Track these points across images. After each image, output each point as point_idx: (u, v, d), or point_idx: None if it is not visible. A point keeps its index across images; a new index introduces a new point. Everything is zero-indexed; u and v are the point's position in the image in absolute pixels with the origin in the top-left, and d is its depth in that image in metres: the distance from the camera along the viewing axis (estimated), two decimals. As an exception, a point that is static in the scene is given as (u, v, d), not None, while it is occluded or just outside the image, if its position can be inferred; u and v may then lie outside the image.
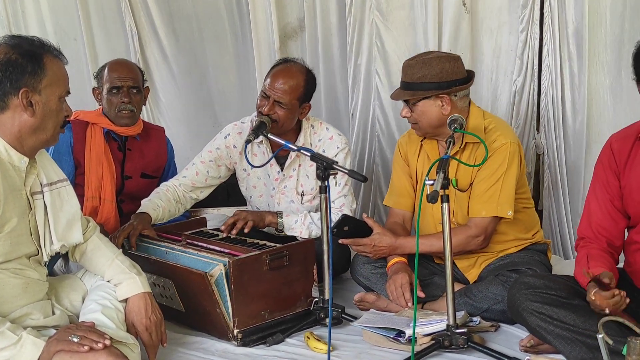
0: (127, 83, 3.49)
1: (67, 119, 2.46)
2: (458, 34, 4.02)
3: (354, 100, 4.33)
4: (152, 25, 4.53)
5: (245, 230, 3.22)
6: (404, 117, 3.10)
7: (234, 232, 3.21)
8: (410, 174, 3.27)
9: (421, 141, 3.21)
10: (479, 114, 3.07)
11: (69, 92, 2.43)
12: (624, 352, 1.80)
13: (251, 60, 4.54)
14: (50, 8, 4.47)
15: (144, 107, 3.75)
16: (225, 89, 4.69)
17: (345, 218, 3.10)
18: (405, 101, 3.06)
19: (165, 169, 3.76)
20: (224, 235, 3.22)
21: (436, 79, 2.97)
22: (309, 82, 3.33)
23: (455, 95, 3.02)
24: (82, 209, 2.78)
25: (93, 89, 3.61)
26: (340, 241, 3.10)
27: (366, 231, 3.13)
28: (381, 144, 4.32)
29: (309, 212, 3.40)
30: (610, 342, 1.84)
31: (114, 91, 3.49)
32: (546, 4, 3.87)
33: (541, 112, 4.02)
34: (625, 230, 2.65)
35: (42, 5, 4.47)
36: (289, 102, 3.24)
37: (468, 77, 3.07)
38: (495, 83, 4.08)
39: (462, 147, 3.04)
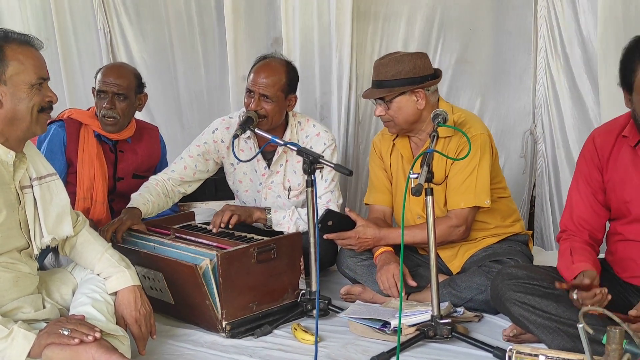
0: (111, 89, 3.45)
1: (51, 103, 2.41)
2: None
3: (345, 96, 4.35)
4: (121, 26, 4.49)
5: (230, 225, 3.24)
6: (378, 116, 3.13)
7: (221, 223, 3.22)
8: (386, 170, 3.33)
9: (393, 140, 3.26)
10: (448, 109, 3.10)
11: (44, 78, 2.38)
12: (604, 341, 1.83)
13: (220, 63, 4.53)
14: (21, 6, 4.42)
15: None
16: (194, 91, 4.65)
17: (328, 213, 3.13)
18: (381, 99, 3.09)
19: (157, 167, 3.75)
20: (212, 229, 3.23)
21: (411, 74, 3.03)
22: (290, 73, 3.37)
23: (428, 90, 3.07)
24: (73, 206, 2.78)
25: (92, 88, 3.60)
26: (325, 236, 3.12)
27: (350, 225, 3.16)
28: (363, 139, 4.35)
29: (296, 207, 3.43)
30: (591, 331, 1.86)
31: (101, 95, 3.48)
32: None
33: (536, 103, 4.06)
34: (607, 222, 2.69)
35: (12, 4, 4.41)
36: (273, 94, 3.27)
37: (436, 73, 3.13)
38: (494, 74, 4.14)
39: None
